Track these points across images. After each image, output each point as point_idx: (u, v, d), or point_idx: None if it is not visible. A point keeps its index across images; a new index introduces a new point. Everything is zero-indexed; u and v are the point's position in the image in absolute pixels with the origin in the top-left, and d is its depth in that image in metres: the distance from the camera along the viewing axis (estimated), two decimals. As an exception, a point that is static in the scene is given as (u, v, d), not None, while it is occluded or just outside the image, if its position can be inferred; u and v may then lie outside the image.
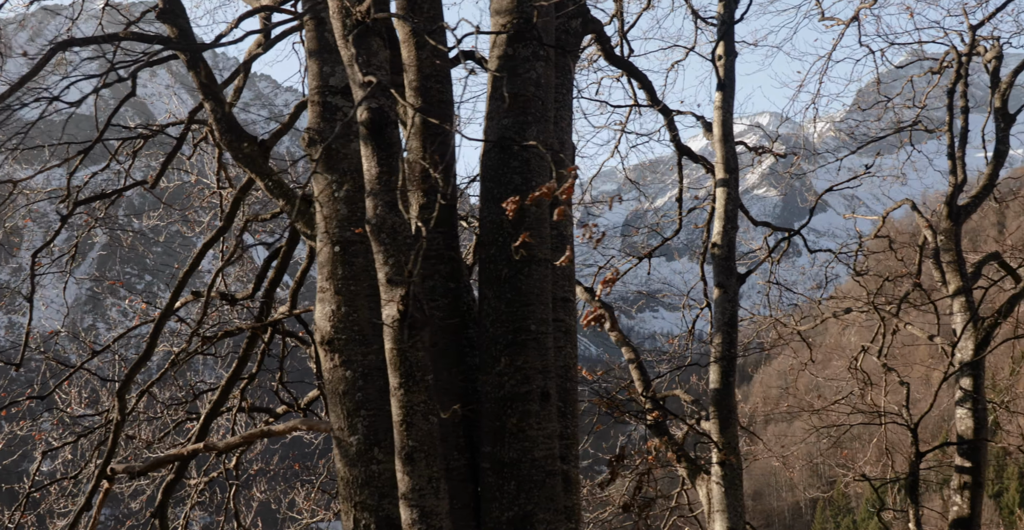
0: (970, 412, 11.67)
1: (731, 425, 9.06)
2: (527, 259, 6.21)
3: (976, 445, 11.54)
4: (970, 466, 11.53)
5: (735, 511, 8.77)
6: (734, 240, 9.75)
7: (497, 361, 6.15)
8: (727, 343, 9.36)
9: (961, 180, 12.69)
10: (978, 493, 11.54)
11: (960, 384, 11.86)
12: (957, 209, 12.57)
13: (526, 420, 6.05)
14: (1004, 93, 12.74)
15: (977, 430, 11.56)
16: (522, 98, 6.38)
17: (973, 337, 11.78)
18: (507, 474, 6.01)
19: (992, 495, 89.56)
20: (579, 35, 8.18)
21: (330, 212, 6.27)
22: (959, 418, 11.78)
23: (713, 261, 9.67)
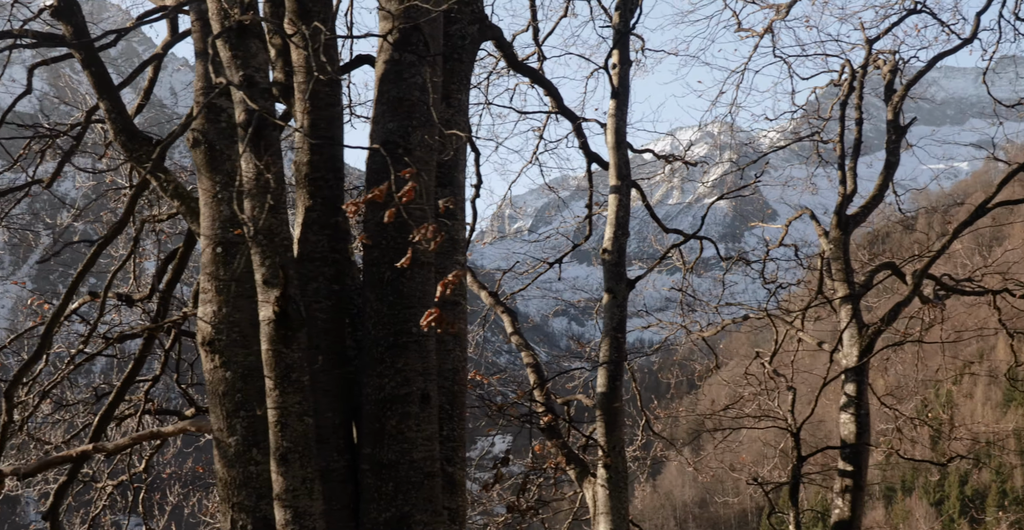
0: (853, 417, 11.98)
1: (617, 428, 9.20)
2: (411, 262, 6.26)
3: (858, 449, 11.84)
4: (852, 470, 11.83)
5: (619, 514, 8.91)
6: (624, 246, 9.90)
7: (378, 363, 6.20)
8: (615, 348, 9.51)
9: (851, 190, 13.04)
10: (859, 496, 11.85)
11: (844, 390, 12.18)
12: (846, 219, 12.91)
13: (405, 422, 6.10)
14: (896, 105, 13.11)
15: (859, 434, 11.86)
16: (407, 102, 6.44)
17: (858, 344, 12.11)
18: (385, 475, 6.05)
19: (933, 503, 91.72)
20: (476, 41, 8.25)
21: (212, 213, 6.27)
22: (843, 423, 12.08)
23: (604, 266, 9.82)
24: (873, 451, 13.41)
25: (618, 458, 9.02)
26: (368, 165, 6.62)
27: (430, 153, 6.55)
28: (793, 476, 10.80)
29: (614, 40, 10.52)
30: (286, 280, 5.49)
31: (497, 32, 8.70)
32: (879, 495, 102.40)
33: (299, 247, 6.51)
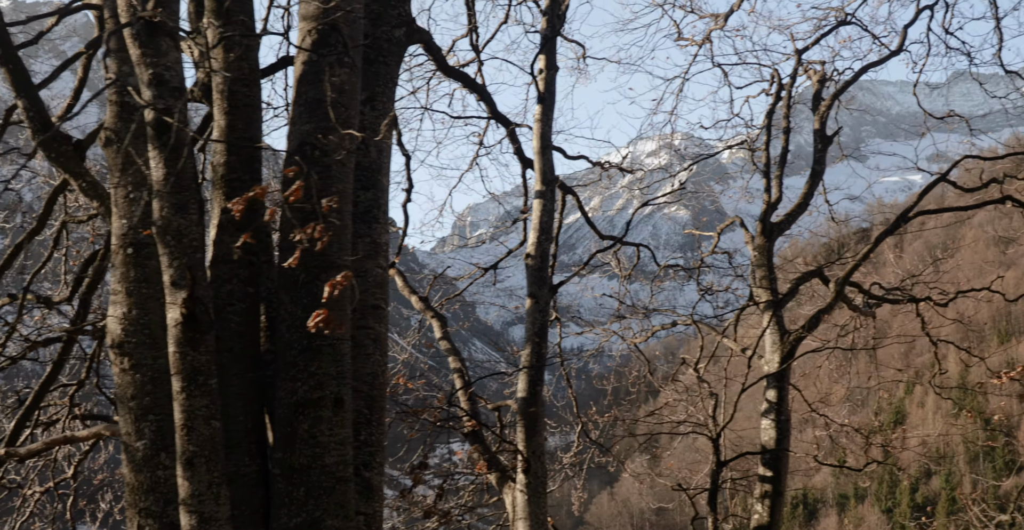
0: (773, 423, 12.11)
1: (537, 433, 9.20)
2: (325, 265, 6.22)
3: (778, 455, 11.98)
4: (771, 475, 11.96)
5: (537, 519, 8.90)
6: (547, 251, 9.92)
7: (291, 367, 6.14)
8: (536, 353, 9.51)
9: (776, 198, 13.21)
10: (778, 501, 11.98)
11: (765, 396, 12.30)
12: (771, 226, 13.06)
13: (318, 426, 6.05)
14: (823, 115, 13.29)
15: (779, 440, 12.00)
16: (325, 104, 6.39)
17: (779, 350, 12.26)
18: (297, 480, 5.99)
19: (884, 510, 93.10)
20: (403, 44, 8.22)
21: (124, 213, 6.17)
22: (763, 429, 12.21)
23: (527, 272, 9.83)
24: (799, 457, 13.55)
25: (537, 463, 9.02)
26: (285, 166, 6.57)
27: (348, 156, 6.50)
28: (712, 482, 10.87)
29: (541, 45, 10.55)
30: (194, 282, 5.43)
31: (426, 36, 8.67)
32: (832, 502, 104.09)
33: (214, 249, 6.44)
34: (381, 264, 7.50)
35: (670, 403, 15.02)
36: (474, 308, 24.30)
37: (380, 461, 7.16)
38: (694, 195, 20.80)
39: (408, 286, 11.62)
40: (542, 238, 9.90)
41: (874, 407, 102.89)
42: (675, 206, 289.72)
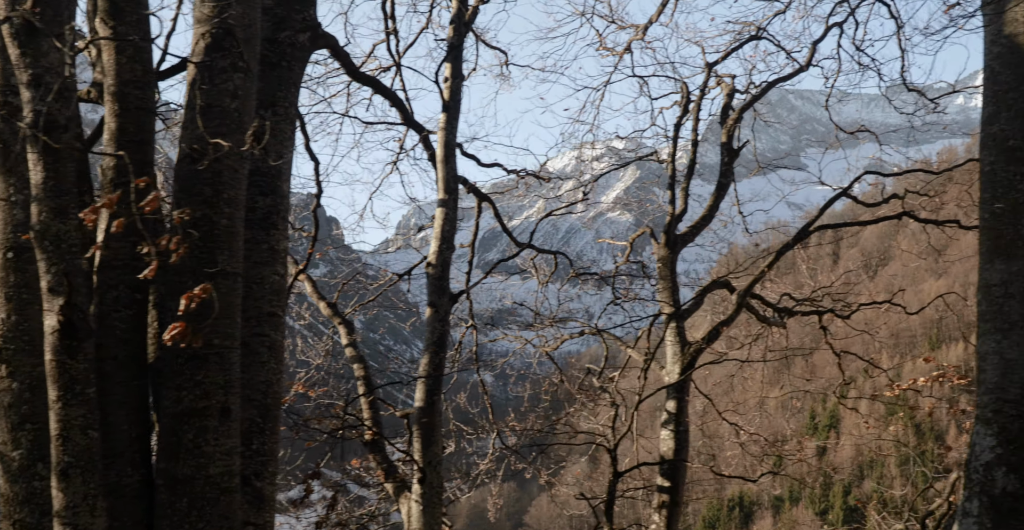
0: (672, 434, 12.24)
1: (434, 443, 9.17)
2: (214, 272, 6.12)
3: (676, 466, 12.10)
4: (669, 485, 12.08)
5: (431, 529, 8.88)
6: (448, 260, 9.91)
7: (178, 375, 6.03)
8: (434, 362, 9.48)
9: (680, 210, 13.37)
10: (675, 511, 12.10)
11: (665, 407, 12.43)
12: (675, 238, 13.21)
13: (203, 436, 5.95)
14: (730, 128, 13.47)
15: (678, 451, 12.13)
16: (217, 109, 6.29)
17: (680, 361, 12.39)
18: (180, 491, 5.88)
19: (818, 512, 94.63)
20: (307, 49, 8.14)
21: (5, 216, 6.01)
22: (663, 439, 12.33)
23: (428, 280, 9.79)
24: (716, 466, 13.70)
25: (433, 474, 8.98)
26: (176, 172, 6.45)
27: (240, 161, 6.41)
28: (609, 493, 10.94)
29: (447, 54, 10.53)
30: (71, 288, 5.29)
31: (332, 41, 8.59)
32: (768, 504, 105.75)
33: (101, 254, 6.29)
34: (279, 271, 7.41)
35: (571, 412, 15.09)
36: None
37: (272, 471, 7.07)
38: (636, 201, 20.93)
39: (317, 292, 11.52)
40: (443, 247, 9.86)
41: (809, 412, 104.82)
42: (618, 211, 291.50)
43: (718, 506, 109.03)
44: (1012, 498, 6.49)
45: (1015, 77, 7.12)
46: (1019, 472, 6.52)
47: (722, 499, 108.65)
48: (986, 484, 6.62)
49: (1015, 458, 6.56)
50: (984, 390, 6.96)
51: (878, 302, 14.15)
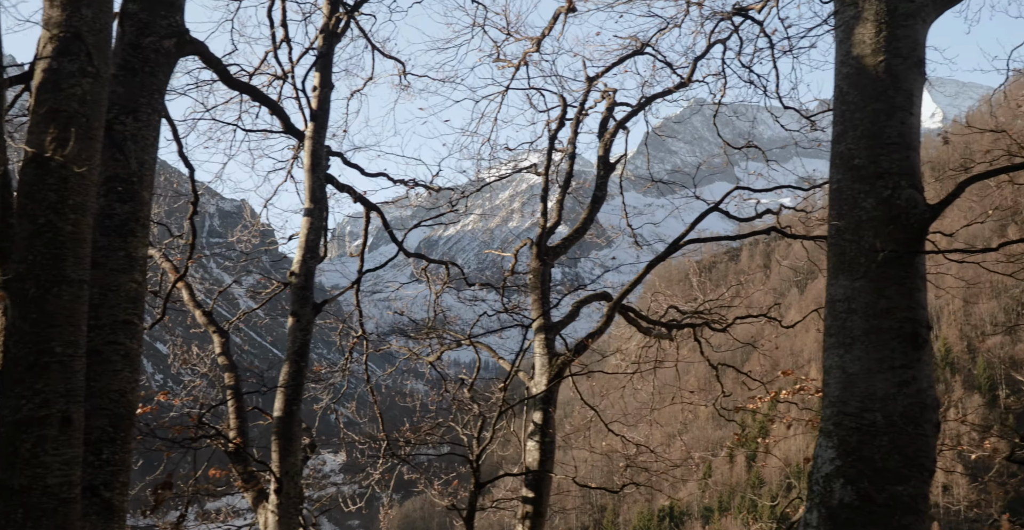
0: (538, 445, 12.35)
1: (291, 453, 9.14)
2: (58, 279, 6.03)
3: (540, 476, 12.21)
4: (533, 496, 12.17)
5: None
6: (313, 270, 9.89)
7: (17, 383, 5.92)
8: (294, 372, 9.45)
9: (553, 223, 13.52)
10: (539, 522, 12.19)
11: (532, 418, 12.53)
12: (546, 249, 13.34)
13: (41, 446, 5.84)
14: (607, 142, 13.67)
15: (543, 462, 12.24)
16: (64, 114, 6.21)
17: (548, 373, 12.52)
18: (16, 501, 5.77)
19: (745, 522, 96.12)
20: (173, 55, 8.08)
21: None
22: (528, 450, 12.43)
23: (291, 290, 9.76)
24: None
25: (290, 484, 8.94)
26: (20, 178, 6.34)
27: (89, 167, 6.32)
28: (470, 504, 10.98)
29: (314, 62, 10.52)
30: None
31: (201, 47, 8.53)
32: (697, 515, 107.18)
33: (-58, 260, 6.16)
34: (136, 278, 7.33)
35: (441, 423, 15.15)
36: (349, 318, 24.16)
37: (123, 481, 6.99)
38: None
39: (193, 300, 11.38)
40: (307, 256, 9.83)
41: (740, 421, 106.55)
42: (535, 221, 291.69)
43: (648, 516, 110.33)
44: (849, 510, 6.69)
45: (862, 98, 7.38)
46: (856, 484, 6.73)
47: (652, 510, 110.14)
48: (825, 496, 6.82)
49: (853, 470, 6.77)
50: (827, 403, 7.18)
51: (753, 316, 14.47)
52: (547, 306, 12.92)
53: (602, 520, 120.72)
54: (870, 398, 6.86)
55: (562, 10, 14.12)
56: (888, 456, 6.74)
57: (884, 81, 7.31)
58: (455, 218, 15.66)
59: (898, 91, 7.30)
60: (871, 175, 7.17)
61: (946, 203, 7.18)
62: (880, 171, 7.15)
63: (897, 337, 6.93)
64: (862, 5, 7.56)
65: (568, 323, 13.28)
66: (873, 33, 7.44)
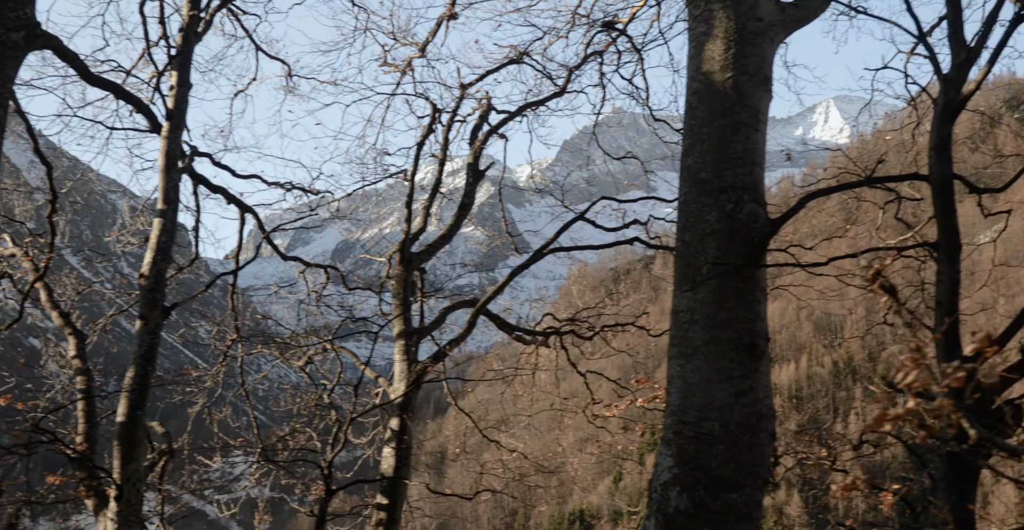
0: (394, 451, 12.31)
1: (134, 460, 8.94)
2: None
3: (395, 483, 12.17)
4: (388, 503, 12.13)
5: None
6: (163, 272, 9.69)
7: None
8: (140, 375, 9.25)
9: (418, 229, 13.51)
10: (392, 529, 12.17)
11: (389, 425, 12.50)
12: (409, 256, 13.31)
13: None
14: (477, 150, 13.70)
15: (398, 468, 12.21)
16: None
17: (406, 379, 12.50)
18: None
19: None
20: (21, 48, 7.85)
21: None
22: (384, 456, 12.40)
23: (140, 292, 9.56)
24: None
25: (131, 491, 8.74)
26: None
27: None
28: (320, 510, 10.88)
29: (170, 60, 10.32)
30: None
31: (54, 41, 8.31)
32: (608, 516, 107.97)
33: None
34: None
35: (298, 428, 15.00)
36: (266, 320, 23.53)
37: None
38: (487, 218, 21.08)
39: (51, 300, 11.05)
40: (158, 258, 9.63)
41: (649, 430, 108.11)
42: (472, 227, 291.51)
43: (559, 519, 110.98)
44: (684, 517, 6.81)
45: (709, 113, 7.54)
46: (692, 492, 6.85)
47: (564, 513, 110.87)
48: (662, 503, 6.93)
49: (689, 478, 6.90)
50: (668, 412, 7.30)
51: (621, 324, 14.64)
52: (408, 312, 12.88)
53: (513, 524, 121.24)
54: (708, 407, 7.00)
55: (444, 16, 14.11)
56: (724, 464, 6.89)
57: (731, 98, 7.47)
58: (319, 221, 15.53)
59: (744, 108, 7.48)
60: (716, 189, 7.32)
61: (785, 218, 7.38)
62: (724, 185, 7.31)
63: (736, 348, 7.08)
64: (712, 22, 7.72)
65: (433, 329, 13.25)
66: (722, 50, 7.60)
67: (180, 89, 10.02)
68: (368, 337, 12.76)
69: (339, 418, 12.12)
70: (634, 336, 15.94)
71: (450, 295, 16.52)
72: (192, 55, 9.99)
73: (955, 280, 6.53)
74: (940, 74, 6.65)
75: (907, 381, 2.38)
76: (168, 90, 10.09)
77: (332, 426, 11.98)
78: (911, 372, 2.37)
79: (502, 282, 12.84)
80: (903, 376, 2.40)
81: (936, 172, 6.55)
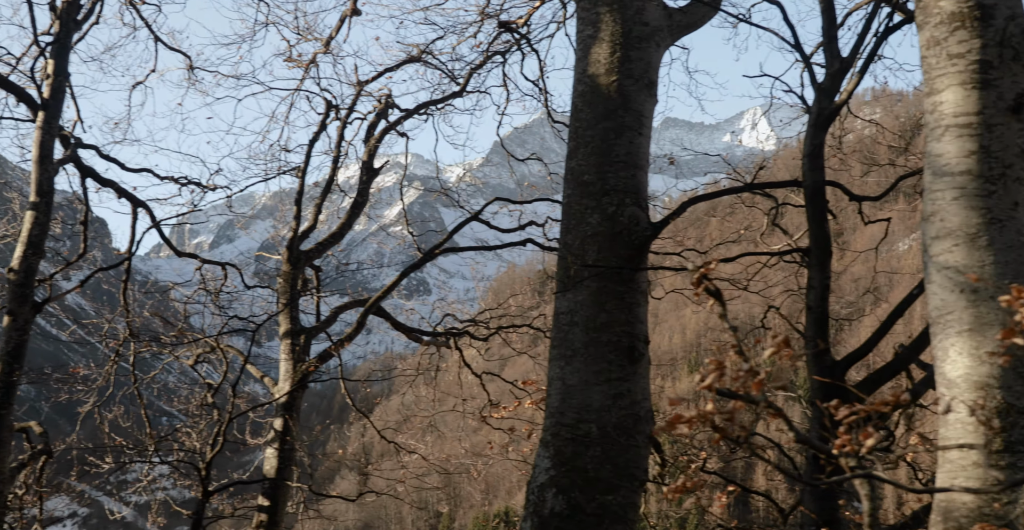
0: (276, 452, 12.15)
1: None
2: None
3: (277, 485, 12.01)
4: (269, 505, 11.95)
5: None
6: (35, 267, 9.39)
7: None
8: (5, 373, 8.95)
9: (308, 227, 13.34)
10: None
11: (273, 425, 12.33)
12: (298, 254, 13.13)
13: None
14: (371, 148, 13.56)
15: (280, 470, 12.04)
16: None
17: (291, 379, 12.34)
18: None
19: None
20: None
21: None
22: (267, 458, 12.23)
23: (8, 287, 9.26)
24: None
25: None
26: None
27: None
28: (197, 512, 10.67)
29: (44, 48, 10.02)
30: None
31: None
32: None
33: None
34: None
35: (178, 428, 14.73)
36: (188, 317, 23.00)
37: None
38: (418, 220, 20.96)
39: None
40: (29, 253, 9.32)
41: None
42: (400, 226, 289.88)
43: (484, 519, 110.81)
44: (559, 519, 6.79)
45: (594, 116, 7.55)
46: (568, 493, 6.84)
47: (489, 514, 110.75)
48: (538, 505, 6.91)
49: (566, 480, 6.89)
50: (548, 414, 7.29)
51: (517, 325, 14.63)
52: (295, 311, 12.70)
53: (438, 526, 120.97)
54: (586, 410, 7.01)
55: (347, 13, 13.95)
56: (600, 466, 6.90)
57: (616, 101, 7.49)
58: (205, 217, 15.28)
59: (628, 111, 7.50)
60: (598, 191, 7.34)
61: (666, 222, 7.43)
62: (607, 188, 7.32)
63: (615, 350, 7.10)
64: (599, 25, 7.73)
65: (324, 329, 13.08)
66: (608, 53, 7.62)
67: (56, 78, 9.69)
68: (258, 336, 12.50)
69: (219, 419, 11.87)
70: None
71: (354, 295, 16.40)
72: (71, 43, 9.68)
73: (825, 286, 6.64)
74: (815, 83, 6.76)
75: (705, 383, 2.38)
76: (45, 79, 9.75)
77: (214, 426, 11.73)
78: (709, 375, 2.37)
79: (392, 281, 12.73)
80: (701, 379, 2.40)
81: (809, 179, 6.65)
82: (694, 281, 2.95)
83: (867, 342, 6.62)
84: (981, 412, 3.52)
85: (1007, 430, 3.48)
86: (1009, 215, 3.69)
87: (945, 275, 3.72)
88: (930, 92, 3.91)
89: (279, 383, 12.35)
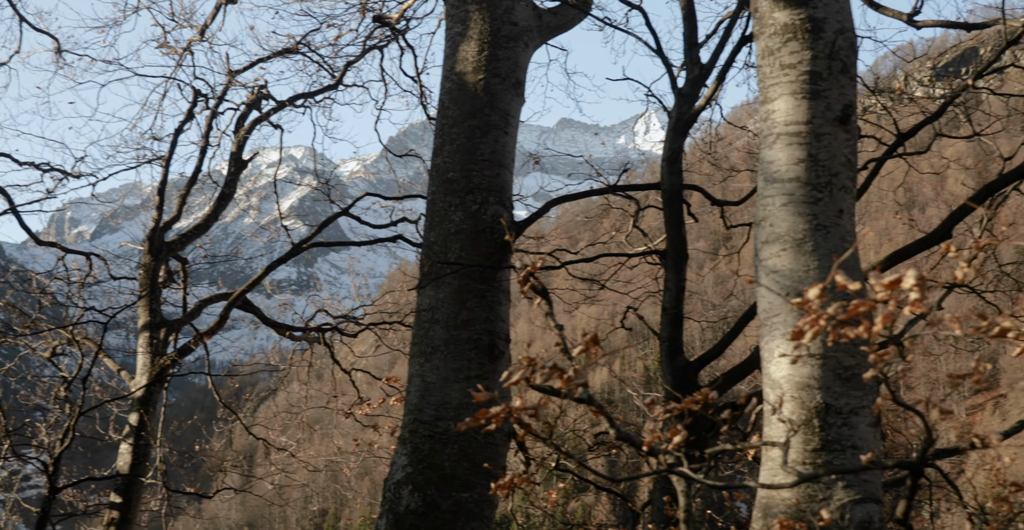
0: (131, 448, 11.90)
1: None
2: None
3: (131, 481, 11.76)
4: (121, 502, 11.70)
5: None
6: None
7: None
8: None
9: (171, 218, 13.08)
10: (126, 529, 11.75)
11: (129, 420, 12.07)
12: (160, 245, 12.86)
13: None
14: (241, 139, 13.36)
15: (135, 466, 11.81)
16: None
17: (148, 373, 12.09)
18: None
19: (529, 527, 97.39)
20: None
21: None
22: (121, 453, 11.97)
23: None
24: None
25: None
26: None
27: None
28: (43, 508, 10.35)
29: None
30: None
31: None
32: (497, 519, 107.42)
33: None
34: None
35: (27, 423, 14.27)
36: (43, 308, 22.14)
37: None
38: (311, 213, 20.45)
39: None
40: None
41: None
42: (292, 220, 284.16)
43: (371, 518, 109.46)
44: (414, 516, 6.78)
45: (460, 113, 7.56)
46: (423, 490, 6.83)
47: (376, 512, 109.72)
48: (394, 502, 6.89)
49: (422, 477, 6.88)
50: (407, 411, 7.26)
51: (388, 322, 14.57)
52: (156, 303, 12.40)
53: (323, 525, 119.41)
54: (445, 407, 7.01)
55: (223, 0, 13.66)
56: (457, 464, 6.91)
57: (482, 99, 7.51)
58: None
59: (495, 110, 7.53)
60: (462, 189, 7.35)
61: (530, 221, 7.49)
62: (471, 186, 7.34)
63: (475, 348, 7.12)
64: (468, 23, 7.74)
65: (187, 322, 12.80)
66: (475, 52, 7.64)
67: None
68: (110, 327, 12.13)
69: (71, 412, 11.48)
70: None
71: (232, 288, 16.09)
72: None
73: (680, 287, 6.77)
74: (675, 88, 6.89)
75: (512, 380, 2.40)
76: None
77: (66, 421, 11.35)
78: (517, 372, 2.39)
79: (257, 275, 12.52)
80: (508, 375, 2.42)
81: (667, 183, 6.78)
82: (520, 280, 2.96)
83: (719, 343, 6.78)
84: (801, 412, 3.64)
85: (824, 429, 3.60)
86: (834, 222, 3.83)
87: (772, 279, 3.84)
88: (764, 100, 4.03)
89: (136, 377, 12.02)
